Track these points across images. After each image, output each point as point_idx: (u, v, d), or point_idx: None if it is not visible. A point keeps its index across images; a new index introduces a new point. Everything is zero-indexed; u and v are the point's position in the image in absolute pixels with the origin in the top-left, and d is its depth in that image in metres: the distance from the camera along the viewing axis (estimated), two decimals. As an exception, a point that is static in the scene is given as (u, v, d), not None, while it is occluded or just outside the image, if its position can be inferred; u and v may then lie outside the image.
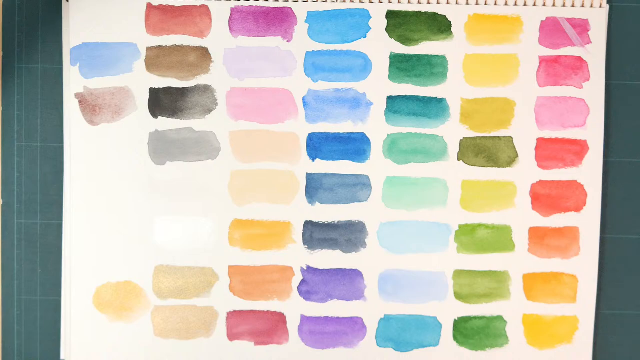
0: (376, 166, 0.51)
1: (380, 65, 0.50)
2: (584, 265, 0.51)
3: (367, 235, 0.51)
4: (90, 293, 0.51)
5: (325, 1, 0.51)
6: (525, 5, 0.51)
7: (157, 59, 0.51)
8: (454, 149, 0.51)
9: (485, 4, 0.51)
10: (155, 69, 0.51)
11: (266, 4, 0.51)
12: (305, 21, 0.51)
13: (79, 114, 0.51)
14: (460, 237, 0.51)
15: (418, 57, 0.51)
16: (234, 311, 0.51)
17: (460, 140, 0.51)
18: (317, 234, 0.51)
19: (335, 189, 0.51)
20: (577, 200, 0.51)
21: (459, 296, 0.51)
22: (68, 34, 0.51)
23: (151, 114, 0.51)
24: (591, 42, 0.51)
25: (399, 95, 0.51)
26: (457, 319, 0.51)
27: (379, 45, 0.50)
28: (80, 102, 0.51)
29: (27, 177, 0.52)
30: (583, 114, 0.51)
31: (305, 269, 0.51)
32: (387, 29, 0.50)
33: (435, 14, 0.50)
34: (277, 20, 0.51)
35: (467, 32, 0.50)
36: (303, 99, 0.51)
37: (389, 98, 0.51)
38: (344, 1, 0.51)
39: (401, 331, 0.51)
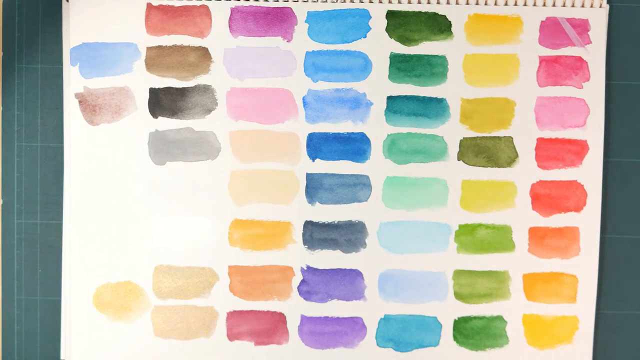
0: (376, 166, 0.51)
1: (380, 65, 0.50)
2: (584, 265, 0.51)
3: (367, 235, 0.51)
4: (90, 293, 0.51)
5: (325, 1, 0.51)
6: (525, 5, 0.51)
7: (157, 59, 0.51)
8: (454, 149, 0.51)
9: (485, 4, 0.51)
10: (155, 69, 0.51)
11: (266, 4, 0.51)
12: (305, 21, 0.51)
13: (79, 114, 0.51)
14: (460, 237, 0.51)
15: (418, 57, 0.51)
16: (234, 311, 0.51)
17: (460, 140, 0.51)
18: (317, 234, 0.51)
19: (335, 189, 0.51)
20: (577, 200, 0.51)
21: (459, 296, 0.51)
22: (68, 34, 0.51)
23: (151, 114, 0.51)
24: (591, 42, 0.51)
25: (399, 95, 0.51)
26: (457, 319, 0.51)
27: (379, 45, 0.50)
28: (80, 102, 0.51)
29: (27, 177, 0.52)
30: (583, 114, 0.51)
31: (305, 269, 0.51)
32: (387, 29, 0.50)
33: (435, 14, 0.50)
34: (277, 20, 0.51)
35: (467, 32, 0.50)
36: (303, 99, 0.51)
37: (389, 98, 0.51)
38: (344, 1, 0.51)
39: (401, 331, 0.51)
